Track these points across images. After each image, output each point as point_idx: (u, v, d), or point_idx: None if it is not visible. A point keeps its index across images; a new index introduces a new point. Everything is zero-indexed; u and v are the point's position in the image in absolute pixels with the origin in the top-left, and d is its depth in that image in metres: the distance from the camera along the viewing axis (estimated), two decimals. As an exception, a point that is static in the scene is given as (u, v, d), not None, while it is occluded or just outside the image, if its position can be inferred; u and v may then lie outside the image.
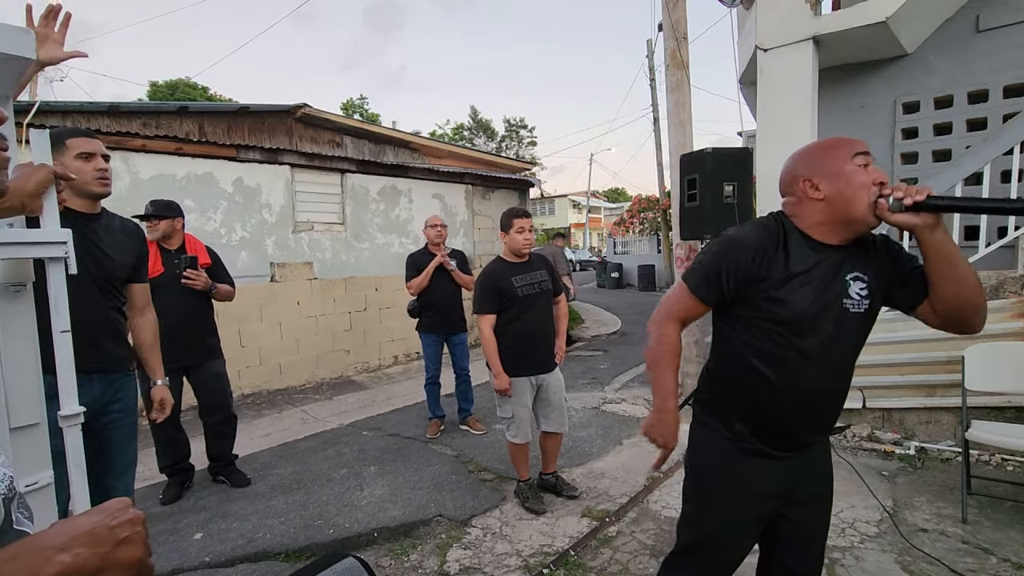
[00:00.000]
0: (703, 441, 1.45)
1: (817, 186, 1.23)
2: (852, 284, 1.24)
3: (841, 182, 1.19)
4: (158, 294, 2.97)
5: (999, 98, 4.24)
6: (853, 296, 1.23)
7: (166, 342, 2.97)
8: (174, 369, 3.03)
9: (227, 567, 2.48)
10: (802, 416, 1.30)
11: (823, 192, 1.22)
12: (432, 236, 4.11)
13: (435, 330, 4.13)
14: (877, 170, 1.21)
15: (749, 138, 7.35)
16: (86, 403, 1.45)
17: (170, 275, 3.02)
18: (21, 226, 1.34)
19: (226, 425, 3.34)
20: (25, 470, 1.29)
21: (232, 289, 3.29)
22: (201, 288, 3.07)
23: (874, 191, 1.17)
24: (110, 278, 1.92)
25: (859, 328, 1.27)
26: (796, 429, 1.32)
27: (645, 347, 1.42)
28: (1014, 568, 2.20)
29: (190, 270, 3.03)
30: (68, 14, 1.43)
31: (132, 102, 6.48)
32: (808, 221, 1.26)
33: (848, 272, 1.24)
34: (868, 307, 1.26)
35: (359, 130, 7.30)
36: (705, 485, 1.44)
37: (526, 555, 2.47)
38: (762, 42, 4.21)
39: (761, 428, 1.33)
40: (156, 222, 3.08)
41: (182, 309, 3.05)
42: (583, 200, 38.11)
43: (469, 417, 4.27)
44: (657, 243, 17.02)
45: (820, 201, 1.23)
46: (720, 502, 1.40)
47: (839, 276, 1.24)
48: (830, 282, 1.23)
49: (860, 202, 1.17)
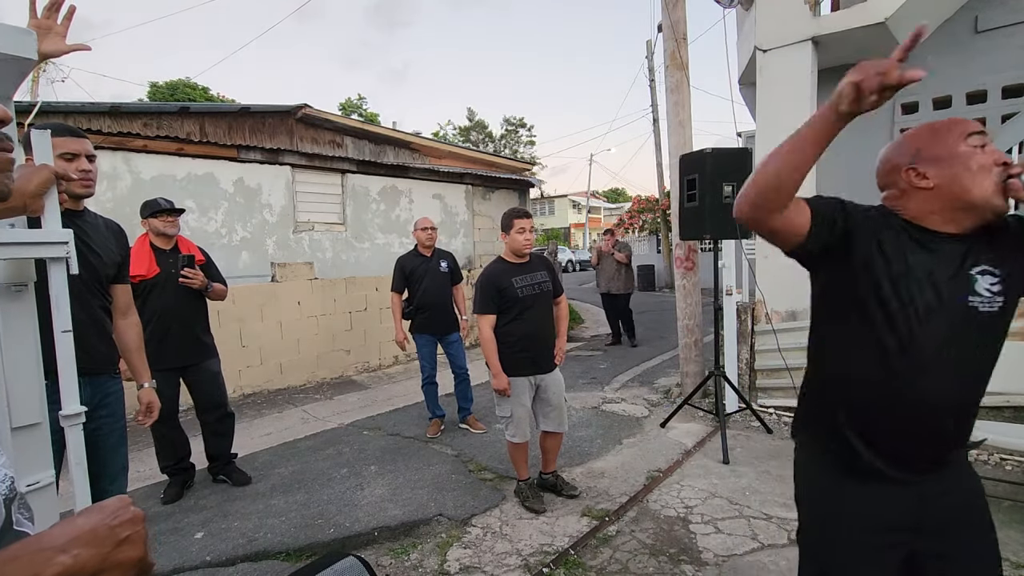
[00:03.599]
0: (807, 465, 1.27)
1: (925, 174, 1.09)
2: (979, 279, 1.08)
3: (956, 166, 1.06)
4: (155, 294, 2.99)
5: (998, 98, 4.25)
6: (982, 292, 1.07)
7: (163, 342, 2.99)
8: (170, 368, 3.04)
9: (228, 566, 2.49)
10: (919, 428, 1.12)
11: (933, 180, 1.08)
12: (423, 239, 4.16)
13: (428, 330, 4.15)
14: (996, 150, 1.08)
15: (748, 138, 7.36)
16: None
17: (166, 275, 3.02)
18: (23, 226, 1.35)
19: (223, 424, 3.34)
20: (26, 470, 1.29)
21: (225, 288, 3.28)
22: (198, 287, 3.07)
23: (997, 172, 1.04)
24: (98, 277, 1.91)
25: (992, 328, 1.10)
26: (919, 445, 1.13)
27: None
28: (1013, 568, 2.20)
29: (188, 269, 3.03)
30: (72, 7, 1.43)
31: (133, 102, 6.49)
32: (919, 212, 1.11)
33: (973, 265, 1.08)
34: (1003, 304, 1.08)
35: (360, 130, 7.31)
36: (816, 520, 1.24)
37: (526, 554, 2.48)
38: (761, 43, 4.22)
39: (878, 444, 1.14)
40: (175, 217, 3.11)
41: (178, 308, 3.06)
42: (583, 200, 38.10)
43: (469, 416, 4.28)
44: (657, 243, 17.03)
45: (929, 190, 1.09)
46: (835, 538, 1.18)
47: (962, 271, 1.08)
48: (951, 278, 1.07)
49: (981, 186, 1.04)
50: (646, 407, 4.65)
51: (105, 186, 4.66)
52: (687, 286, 4.65)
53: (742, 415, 4.10)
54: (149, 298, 2.98)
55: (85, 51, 1.53)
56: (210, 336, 3.29)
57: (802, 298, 4.32)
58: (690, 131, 4.56)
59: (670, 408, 4.36)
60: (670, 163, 4.58)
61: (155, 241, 3.06)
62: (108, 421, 1.93)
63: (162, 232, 3.05)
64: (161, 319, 3.00)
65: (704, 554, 2.41)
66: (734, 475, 3.19)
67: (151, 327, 2.94)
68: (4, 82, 1.28)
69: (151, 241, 3.05)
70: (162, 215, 3.03)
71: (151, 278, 2.99)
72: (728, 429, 3.72)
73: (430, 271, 4.12)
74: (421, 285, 4.09)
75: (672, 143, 4.58)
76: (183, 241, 3.20)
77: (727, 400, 3.92)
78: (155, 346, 2.94)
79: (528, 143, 37.01)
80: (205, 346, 3.23)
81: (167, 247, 3.08)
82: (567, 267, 25.02)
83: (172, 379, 3.09)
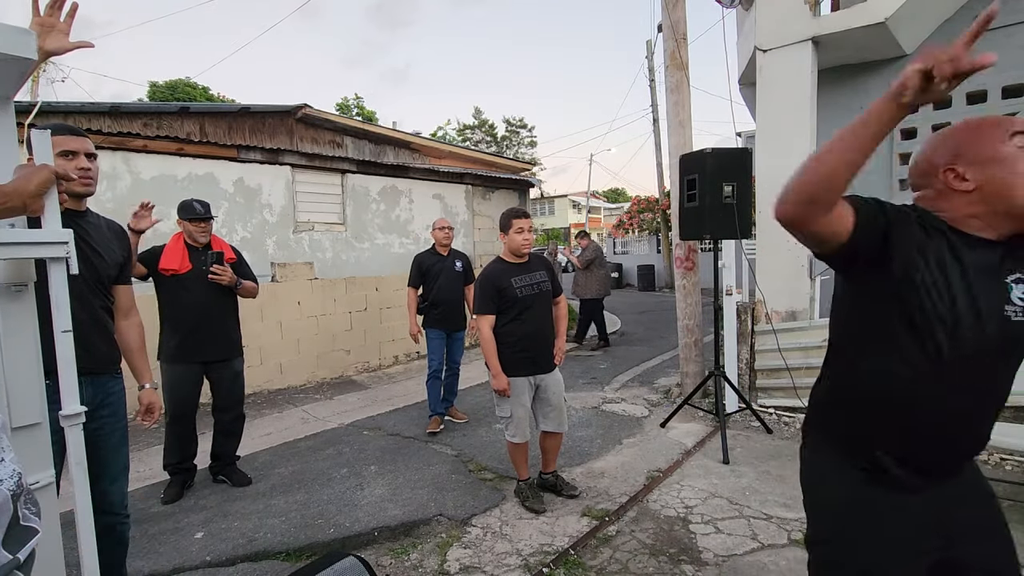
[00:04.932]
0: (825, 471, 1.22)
1: (964, 175, 1.04)
2: (1015, 288, 1.04)
3: (1000, 168, 1.01)
4: (186, 291, 3.05)
5: (998, 98, 4.25)
6: (1015, 301, 1.03)
7: (193, 336, 3.05)
8: (197, 363, 3.11)
9: (228, 566, 2.49)
10: (947, 440, 1.10)
11: (974, 182, 1.03)
12: (440, 238, 4.33)
13: (441, 326, 4.28)
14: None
15: (748, 138, 7.36)
16: None
17: (197, 271, 3.07)
18: (23, 226, 1.35)
19: (236, 424, 3.37)
20: (26, 470, 1.29)
21: (256, 285, 3.34)
22: (227, 284, 3.12)
23: None
24: (100, 277, 1.91)
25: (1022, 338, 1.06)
26: (950, 455, 1.13)
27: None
28: (1012, 567, 2.20)
29: (216, 266, 3.08)
30: (75, 4, 1.43)
31: (133, 102, 6.49)
32: (957, 215, 1.06)
33: (1009, 273, 1.05)
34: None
35: (359, 131, 7.31)
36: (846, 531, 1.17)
37: (526, 554, 2.48)
38: (761, 43, 4.22)
39: (910, 455, 1.11)
40: (208, 223, 3.14)
41: (209, 305, 3.11)
42: (583, 200, 38.09)
43: (451, 407, 4.49)
44: (656, 243, 17.05)
45: (969, 193, 1.04)
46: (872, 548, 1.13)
47: (1000, 279, 1.04)
48: (985, 285, 1.03)
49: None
50: (646, 407, 4.66)
51: (105, 186, 4.66)
52: (687, 286, 4.65)
53: (742, 415, 4.10)
54: (181, 293, 3.05)
55: (88, 48, 1.52)
56: (239, 334, 3.34)
57: (802, 298, 4.33)
58: (690, 131, 4.56)
59: (670, 408, 4.36)
60: (670, 163, 4.58)
61: (189, 240, 3.13)
62: (110, 421, 1.93)
63: (195, 238, 3.11)
64: (192, 314, 3.06)
65: (704, 554, 2.41)
66: (734, 475, 3.19)
67: (182, 321, 3.05)
68: (4, 82, 1.29)
69: (185, 239, 3.12)
70: (196, 222, 3.09)
71: (183, 274, 3.05)
72: (728, 429, 3.71)
73: (445, 269, 4.28)
74: (436, 282, 4.25)
75: (672, 143, 4.59)
76: (215, 239, 3.26)
77: (727, 400, 3.92)
78: (185, 340, 3.05)
79: (529, 144, 37.00)
80: (233, 343, 3.28)
81: (200, 244, 3.15)
82: (567, 267, 25.03)
83: (197, 375, 3.14)
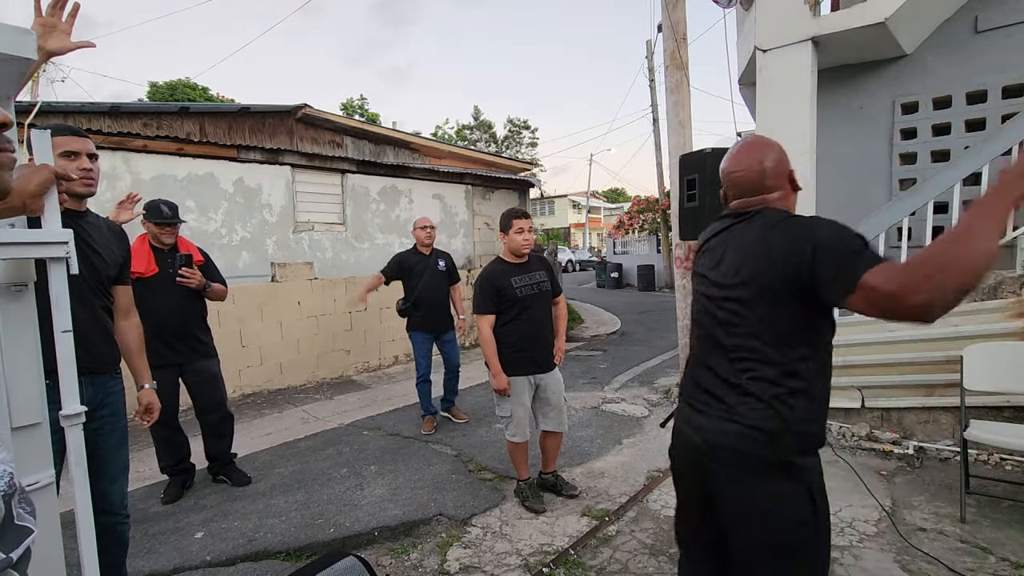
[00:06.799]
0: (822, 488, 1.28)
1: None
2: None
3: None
4: (153, 293, 2.99)
5: (998, 99, 4.25)
6: None
7: (160, 340, 2.99)
8: (168, 367, 3.04)
9: (228, 566, 2.49)
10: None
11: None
12: (422, 237, 4.25)
13: (425, 328, 4.22)
14: None
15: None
16: None
17: (164, 274, 3.02)
18: (23, 226, 1.35)
19: (223, 425, 3.34)
20: (26, 470, 1.29)
21: (224, 288, 3.28)
22: (196, 286, 3.07)
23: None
24: (100, 277, 1.91)
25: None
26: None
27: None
28: (1012, 567, 2.20)
29: (185, 268, 3.03)
30: (76, 4, 1.43)
31: (133, 102, 6.49)
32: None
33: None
34: None
35: (359, 130, 7.31)
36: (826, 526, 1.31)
37: (526, 554, 2.48)
38: (761, 43, 4.22)
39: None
40: (175, 227, 3.10)
41: (176, 308, 3.06)
42: (583, 200, 38.10)
43: (452, 407, 4.44)
44: (656, 243, 17.03)
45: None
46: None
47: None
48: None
49: None
50: (646, 407, 4.66)
51: (105, 186, 4.66)
52: (687, 286, 4.65)
53: (742, 415, 4.09)
54: (147, 296, 2.97)
55: (90, 48, 1.52)
56: (209, 336, 3.28)
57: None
58: (690, 131, 4.56)
59: (670, 408, 4.35)
60: (670, 163, 4.58)
61: (154, 242, 3.07)
62: (110, 421, 1.93)
63: (159, 239, 3.06)
64: (159, 317, 3.00)
65: (704, 554, 2.41)
66: (734, 475, 3.18)
67: (149, 325, 2.93)
68: (4, 82, 1.28)
69: (151, 241, 3.06)
70: (162, 226, 3.04)
71: (149, 277, 2.99)
72: (728, 429, 3.71)
73: (428, 269, 4.21)
74: (419, 282, 4.18)
75: (672, 143, 4.59)
76: (182, 241, 3.20)
77: (727, 400, 3.91)
78: (152, 343, 2.95)
79: (531, 144, 36.96)
80: (203, 345, 3.23)
81: (166, 247, 3.09)
82: (567, 267, 25.05)
83: (168, 378, 3.08)
